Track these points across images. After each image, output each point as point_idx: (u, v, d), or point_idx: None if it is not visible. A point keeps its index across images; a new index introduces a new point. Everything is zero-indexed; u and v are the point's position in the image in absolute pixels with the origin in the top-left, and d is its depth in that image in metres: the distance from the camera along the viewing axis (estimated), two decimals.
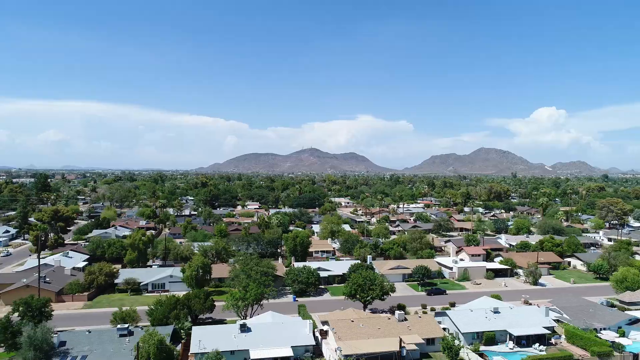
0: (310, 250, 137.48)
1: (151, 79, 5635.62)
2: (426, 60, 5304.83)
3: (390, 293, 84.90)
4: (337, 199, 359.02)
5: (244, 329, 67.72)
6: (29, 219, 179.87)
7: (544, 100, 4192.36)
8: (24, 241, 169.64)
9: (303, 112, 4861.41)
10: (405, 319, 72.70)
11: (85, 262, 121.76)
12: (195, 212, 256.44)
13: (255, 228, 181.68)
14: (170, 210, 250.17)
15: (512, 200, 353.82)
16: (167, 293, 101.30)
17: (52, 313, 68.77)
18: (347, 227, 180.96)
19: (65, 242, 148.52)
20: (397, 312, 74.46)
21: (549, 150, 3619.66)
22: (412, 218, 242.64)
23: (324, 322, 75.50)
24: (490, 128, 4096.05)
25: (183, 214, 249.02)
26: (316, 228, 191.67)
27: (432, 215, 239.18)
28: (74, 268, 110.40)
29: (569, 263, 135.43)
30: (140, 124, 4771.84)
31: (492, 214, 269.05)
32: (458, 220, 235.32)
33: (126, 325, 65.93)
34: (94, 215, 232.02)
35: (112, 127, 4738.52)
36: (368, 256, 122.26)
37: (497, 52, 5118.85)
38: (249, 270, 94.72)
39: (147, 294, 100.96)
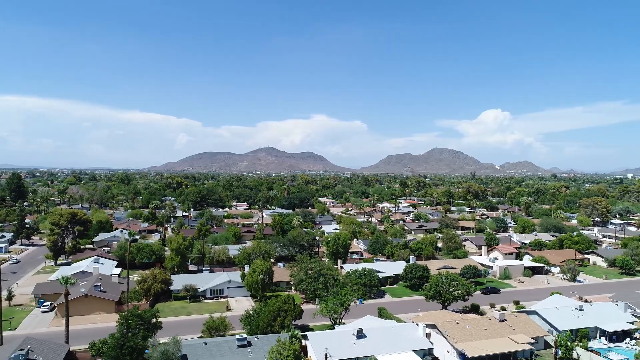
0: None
1: (97, 74, 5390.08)
2: (378, 62, 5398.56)
3: (472, 294, 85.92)
4: (321, 199, 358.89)
5: (360, 334, 66.41)
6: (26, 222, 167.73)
7: (489, 102, 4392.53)
8: (23, 246, 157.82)
9: (257, 111, 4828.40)
10: (505, 319, 73.90)
11: (119, 269, 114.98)
12: (187, 214, 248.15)
13: (269, 229, 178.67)
14: (162, 212, 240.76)
15: (487, 199, 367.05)
16: (226, 299, 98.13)
17: (162, 325, 64.33)
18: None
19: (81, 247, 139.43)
20: (497, 312, 75.46)
21: (495, 150, 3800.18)
22: (409, 217, 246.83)
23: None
24: (440, 129, 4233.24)
25: (176, 215, 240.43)
26: (327, 229, 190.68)
27: (429, 215, 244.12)
28: (117, 275, 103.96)
29: (589, 260, 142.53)
30: (86, 121, 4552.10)
31: (481, 212, 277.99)
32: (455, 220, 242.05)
33: (244, 336, 62.84)
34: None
35: (54, 123, 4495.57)
36: (410, 257, 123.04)
37: (446, 55, 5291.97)
38: (316, 274, 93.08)
39: (205, 301, 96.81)
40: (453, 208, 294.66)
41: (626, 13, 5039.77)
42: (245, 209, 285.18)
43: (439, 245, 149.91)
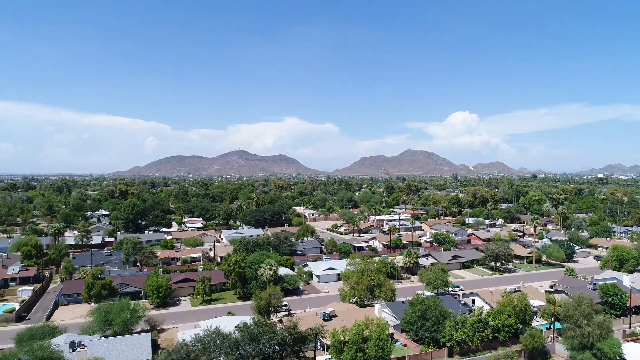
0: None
1: (59, 75, 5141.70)
2: (349, 65, 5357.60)
3: None
4: (299, 209, 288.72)
5: None
6: None
7: (457, 104, 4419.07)
8: None
9: (228, 114, 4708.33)
10: None
11: None
12: (112, 240, 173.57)
13: (219, 275, 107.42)
14: (72, 239, 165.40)
15: (501, 206, 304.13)
16: None
17: None
18: (341, 264, 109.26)
19: None
20: None
21: (466, 151, 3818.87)
22: (423, 238, 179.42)
23: None
24: (411, 131, 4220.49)
25: (91, 242, 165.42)
26: (314, 267, 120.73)
27: (452, 235, 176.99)
28: None
29: None
30: (49, 125, 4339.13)
31: (513, 227, 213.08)
32: (483, 240, 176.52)
33: None
34: None
35: (14, 127, 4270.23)
36: None
37: (414, 58, 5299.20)
38: None
39: None
40: (469, 220, 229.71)
41: (584, 21, 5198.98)
42: (199, 228, 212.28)
43: (533, 304, 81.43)
